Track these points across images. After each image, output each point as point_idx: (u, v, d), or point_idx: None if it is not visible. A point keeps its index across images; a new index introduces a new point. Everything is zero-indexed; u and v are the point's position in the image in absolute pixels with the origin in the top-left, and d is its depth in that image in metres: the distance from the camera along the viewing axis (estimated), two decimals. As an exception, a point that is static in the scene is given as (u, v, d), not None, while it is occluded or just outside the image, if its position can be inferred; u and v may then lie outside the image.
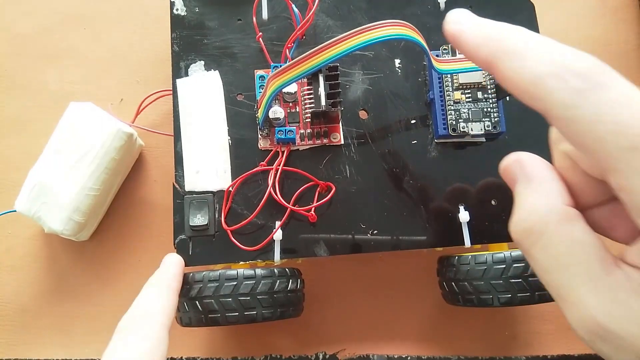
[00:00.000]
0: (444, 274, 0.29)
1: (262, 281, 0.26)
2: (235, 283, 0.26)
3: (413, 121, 0.30)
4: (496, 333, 0.34)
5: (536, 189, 0.16)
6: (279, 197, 0.27)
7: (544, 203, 0.15)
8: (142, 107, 0.35)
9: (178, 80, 0.30)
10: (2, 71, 0.38)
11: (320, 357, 0.33)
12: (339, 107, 0.26)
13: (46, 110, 0.37)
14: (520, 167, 0.16)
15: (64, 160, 0.31)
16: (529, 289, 0.26)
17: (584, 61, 0.13)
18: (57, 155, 0.31)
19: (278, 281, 0.27)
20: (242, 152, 0.29)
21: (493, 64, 0.15)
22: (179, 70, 0.30)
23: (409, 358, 0.33)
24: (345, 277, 0.34)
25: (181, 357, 0.33)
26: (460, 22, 0.16)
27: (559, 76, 0.13)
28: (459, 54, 0.29)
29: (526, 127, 0.30)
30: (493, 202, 0.29)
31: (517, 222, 0.16)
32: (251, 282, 0.26)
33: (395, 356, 0.33)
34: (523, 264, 0.26)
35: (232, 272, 0.26)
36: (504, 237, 0.28)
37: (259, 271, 0.26)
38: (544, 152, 0.25)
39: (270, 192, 0.27)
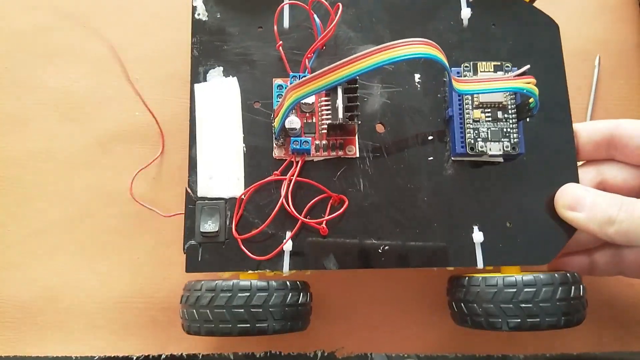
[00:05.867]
0: (454, 294, 0.29)
1: (274, 293, 0.26)
2: (248, 294, 0.25)
3: (430, 137, 0.29)
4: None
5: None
6: (291, 208, 0.27)
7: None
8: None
9: (196, 85, 0.30)
10: (1, 68, 0.38)
11: (319, 355, 0.33)
12: (356, 121, 0.26)
13: (45, 108, 0.37)
14: None
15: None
16: (539, 314, 0.25)
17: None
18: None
19: (290, 294, 0.26)
20: (256, 160, 0.29)
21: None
22: (197, 75, 0.30)
23: (406, 356, 0.33)
24: (349, 279, 0.34)
25: (181, 354, 0.33)
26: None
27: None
28: (481, 73, 0.28)
29: (545, 150, 0.29)
30: (508, 224, 0.28)
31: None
32: (264, 294, 0.26)
33: (394, 355, 0.33)
34: (534, 289, 0.26)
35: (246, 283, 0.26)
36: (518, 260, 0.28)
37: (272, 283, 0.26)
38: (562, 175, 0.30)
39: (282, 203, 0.27)
